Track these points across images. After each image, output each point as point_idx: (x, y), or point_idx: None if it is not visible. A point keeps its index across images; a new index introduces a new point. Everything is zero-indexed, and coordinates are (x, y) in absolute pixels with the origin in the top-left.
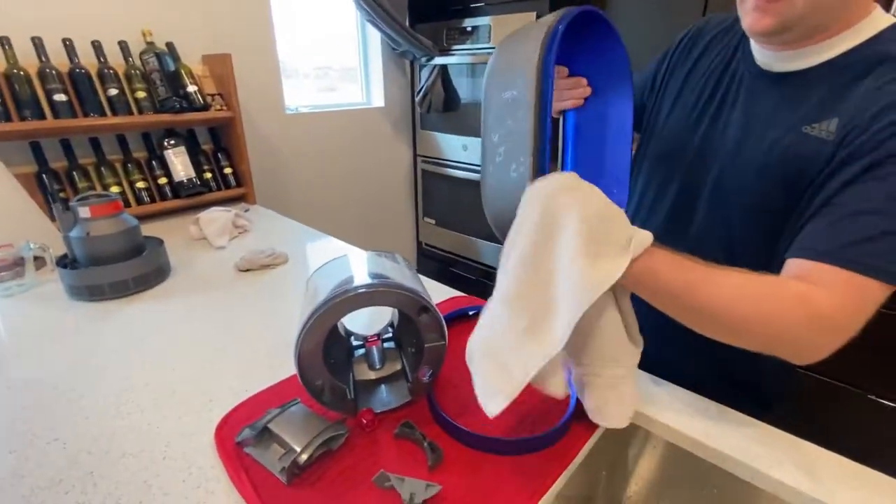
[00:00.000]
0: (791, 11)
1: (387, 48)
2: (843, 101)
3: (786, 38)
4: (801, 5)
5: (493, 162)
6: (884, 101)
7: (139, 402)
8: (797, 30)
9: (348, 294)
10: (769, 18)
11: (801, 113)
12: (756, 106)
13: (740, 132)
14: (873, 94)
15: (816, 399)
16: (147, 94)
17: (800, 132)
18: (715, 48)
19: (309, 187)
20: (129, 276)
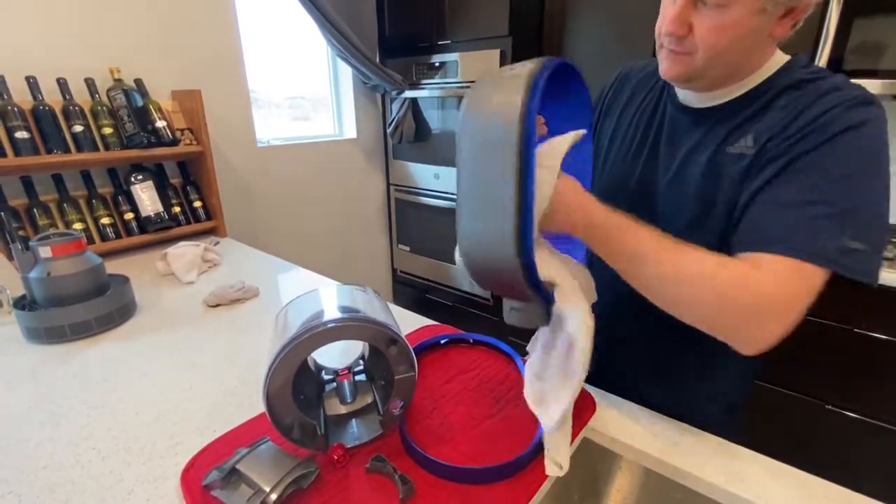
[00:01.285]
0: (692, 65)
1: (358, 81)
2: (757, 121)
3: (695, 85)
4: (701, 62)
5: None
6: (791, 115)
7: (100, 449)
8: (703, 80)
9: (317, 329)
10: (677, 68)
11: (722, 137)
12: (683, 138)
13: (673, 162)
14: (781, 112)
15: (777, 410)
16: (114, 129)
17: (724, 152)
18: (641, 92)
19: (281, 219)
20: (92, 317)
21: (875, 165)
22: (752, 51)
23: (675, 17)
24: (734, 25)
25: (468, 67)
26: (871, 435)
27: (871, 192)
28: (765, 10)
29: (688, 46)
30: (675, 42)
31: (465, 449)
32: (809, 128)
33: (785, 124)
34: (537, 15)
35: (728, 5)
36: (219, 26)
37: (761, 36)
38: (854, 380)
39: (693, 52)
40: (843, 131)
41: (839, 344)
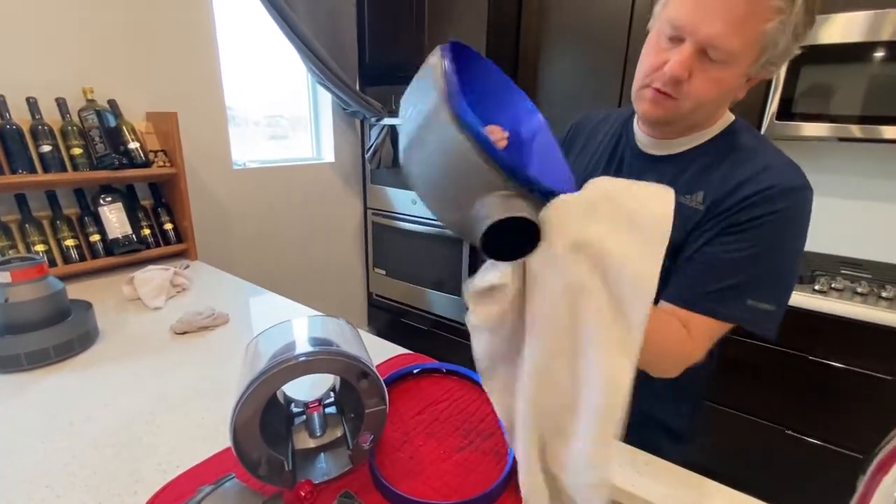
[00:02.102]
0: (677, 110)
1: (337, 106)
2: (707, 178)
3: (669, 129)
4: (686, 109)
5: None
6: (734, 182)
7: (55, 487)
8: (679, 125)
9: (288, 363)
10: (661, 110)
11: (677, 186)
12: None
13: None
14: (728, 175)
15: (738, 435)
16: (83, 150)
17: (677, 202)
18: (597, 136)
19: (256, 242)
20: (50, 345)
21: (794, 241)
22: (721, 106)
23: (683, 61)
24: (726, 81)
25: None
26: (830, 460)
27: (788, 264)
28: (748, 74)
29: (680, 92)
30: (671, 86)
31: (435, 483)
32: (748, 201)
33: (728, 191)
34: (513, 50)
35: (728, 64)
36: (198, 48)
37: (733, 94)
38: (813, 406)
39: (682, 99)
40: (773, 213)
41: (798, 372)
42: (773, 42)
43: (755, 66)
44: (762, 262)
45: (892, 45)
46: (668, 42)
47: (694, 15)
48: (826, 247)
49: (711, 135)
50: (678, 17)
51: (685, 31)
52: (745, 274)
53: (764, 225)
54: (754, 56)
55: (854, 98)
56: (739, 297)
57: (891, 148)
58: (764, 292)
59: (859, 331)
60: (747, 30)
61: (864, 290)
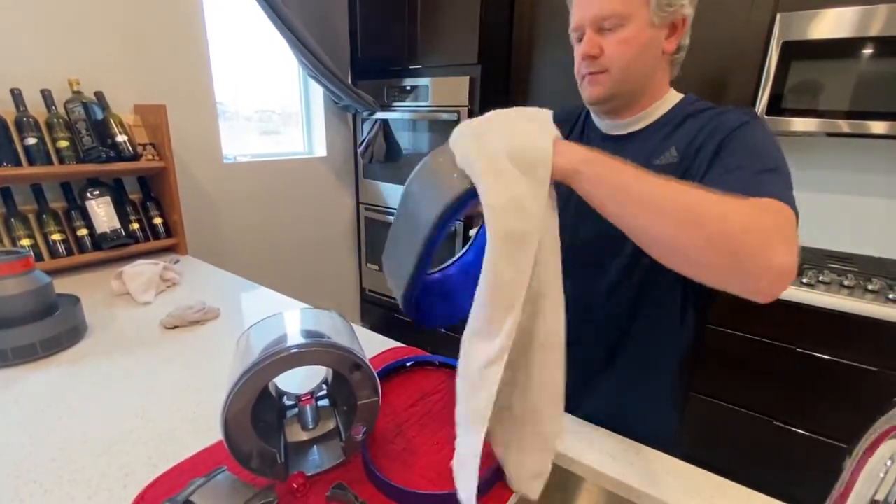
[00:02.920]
0: (610, 80)
1: (329, 100)
2: (674, 136)
3: (613, 105)
4: (617, 75)
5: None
6: (698, 128)
7: (43, 482)
8: (619, 99)
9: (280, 355)
10: (598, 88)
11: (647, 154)
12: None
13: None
14: (690, 129)
15: (728, 426)
16: (70, 143)
17: (652, 165)
18: (564, 130)
19: (247, 236)
20: (37, 339)
21: (774, 141)
22: (655, 68)
23: (587, 42)
24: (634, 38)
25: (439, 92)
26: (817, 450)
27: (781, 158)
28: (653, 23)
29: (603, 64)
30: (592, 64)
31: (428, 474)
32: (719, 129)
33: (696, 132)
34: (506, 44)
35: (624, 24)
36: (187, 40)
37: (657, 52)
38: (800, 397)
39: (608, 69)
40: (743, 124)
41: (786, 363)
42: None
43: (651, 12)
44: (774, 155)
45: (881, 40)
46: (578, 43)
47: (579, 11)
48: (814, 241)
49: (662, 112)
50: (573, 21)
51: (581, 26)
52: (768, 164)
53: (748, 130)
54: (643, 6)
55: (842, 93)
56: (778, 182)
57: (878, 143)
58: (790, 181)
59: (846, 323)
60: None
61: (851, 283)
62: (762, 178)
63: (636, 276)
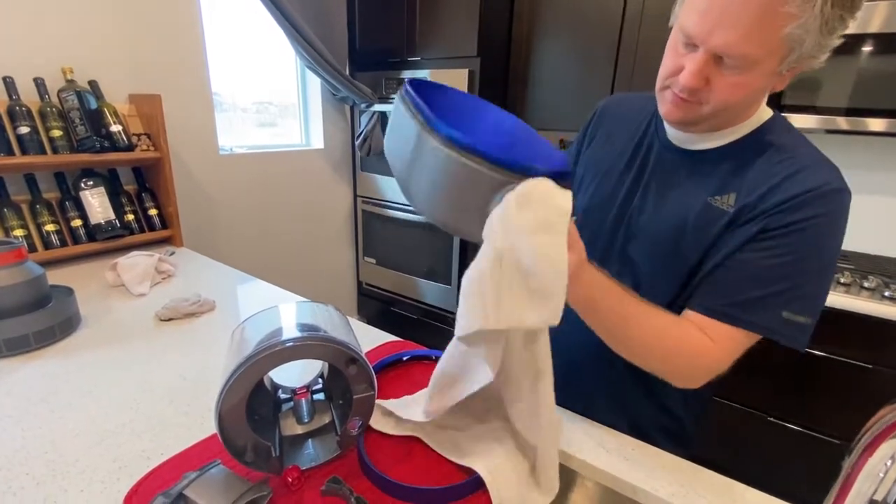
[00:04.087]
0: (698, 113)
1: (327, 92)
2: (740, 178)
3: (693, 129)
4: (708, 110)
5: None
6: (769, 184)
7: (35, 475)
8: (703, 125)
9: (275, 348)
10: (681, 113)
11: (707, 186)
12: (668, 175)
13: (657, 197)
14: (762, 176)
15: (722, 421)
16: (63, 132)
17: (706, 202)
18: (625, 124)
19: (243, 229)
20: (30, 331)
21: (831, 252)
22: (754, 103)
23: (696, 72)
24: (750, 84)
25: None
26: (811, 446)
27: (822, 276)
28: (779, 73)
29: (700, 97)
30: (688, 93)
31: (423, 469)
32: (785, 205)
33: (762, 193)
34: (505, 37)
35: (749, 68)
36: (182, 28)
37: (765, 92)
38: (795, 393)
39: (703, 103)
40: (813, 217)
41: (781, 360)
42: (797, 43)
43: (784, 65)
44: (800, 271)
45: (880, 37)
46: (685, 47)
47: (703, 24)
48: None
49: (746, 130)
50: (688, 25)
51: (696, 39)
52: (782, 283)
53: (804, 230)
54: (779, 58)
55: (842, 90)
56: (775, 308)
57: (877, 140)
58: (800, 304)
59: (842, 320)
60: (762, 36)
61: (847, 281)
62: (772, 302)
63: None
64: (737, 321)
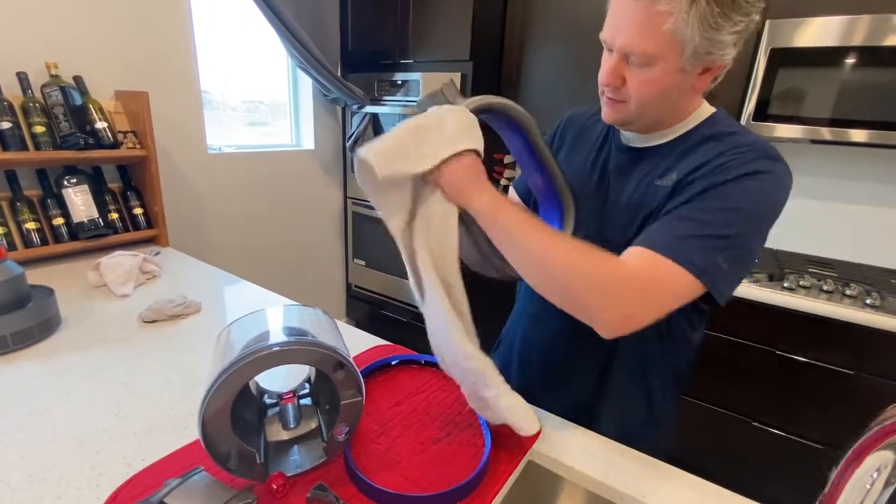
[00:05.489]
0: (627, 111)
1: (318, 93)
2: (683, 161)
3: (632, 128)
4: (633, 109)
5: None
6: (706, 157)
7: (9, 481)
8: (637, 124)
9: (261, 353)
10: (613, 113)
11: (654, 173)
12: (625, 171)
13: (621, 192)
14: (700, 156)
15: (707, 426)
16: (46, 128)
17: (652, 184)
18: (588, 134)
19: (232, 229)
20: (8, 332)
21: (766, 210)
22: (678, 101)
23: (609, 70)
24: (657, 81)
25: (430, 87)
26: (794, 451)
27: (755, 232)
28: (684, 69)
29: (622, 95)
30: (611, 91)
31: (411, 475)
32: (720, 168)
33: (700, 164)
34: (498, 41)
35: (651, 65)
36: (171, 24)
37: (685, 89)
38: (778, 399)
39: (627, 101)
40: (746, 175)
41: (765, 365)
42: (682, 38)
43: (684, 61)
44: (737, 224)
45: (864, 50)
46: (607, 52)
47: (610, 28)
48: (795, 246)
49: (686, 128)
50: (603, 33)
51: (607, 43)
52: (721, 230)
53: (743, 183)
54: (675, 54)
55: (826, 101)
56: (711, 252)
57: (860, 151)
58: (734, 253)
59: (824, 327)
60: (649, 33)
61: (830, 288)
62: (702, 244)
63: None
64: (676, 256)
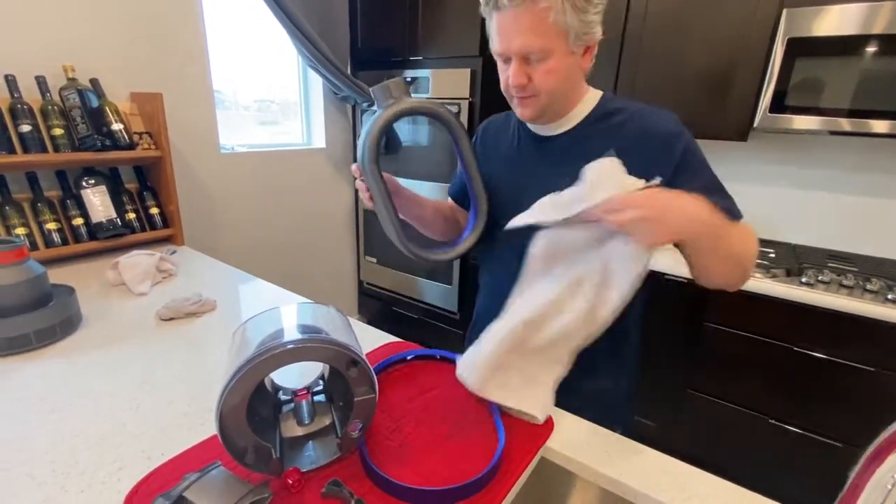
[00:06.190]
0: (539, 104)
1: (328, 91)
2: (605, 138)
3: (543, 120)
4: (545, 100)
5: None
6: (634, 136)
7: (35, 475)
8: (548, 114)
9: (276, 350)
10: (529, 110)
11: (577, 154)
12: (536, 158)
13: (534, 178)
14: (622, 130)
15: (721, 423)
16: (65, 130)
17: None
18: (502, 134)
19: (245, 228)
20: (31, 330)
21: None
22: (576, 83)
23: (515, 72)
24: (557, 68)
25: (440, 84)
26: (811, 449)
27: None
28: (572, 52)
29: (531, 90)
30: (521, 90)
31: (424, 470)
32: (664, 151)
33: (631, 136)
34: None
35: (548, 57)
36: (183, 26)
37: (578, 72)
38: (796, 396)
39: (537, 94)
40: (684, 142)
41: (782, 362)
42: (565, 25)
43: (571, 45)
44: (707, 178)
45: (885, 38)
46: (504, 64)
47: (502, 41)
48: (814, 240)
49: (586, 112)
50: (496, 47)
51: (505, 53)
52: (708, 188)
53: (690, 148)
54: (562, 40)
55: (845, 91)
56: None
57: (881, 142)
58: (723, 193)
59: (844, 323)
60: (541, 29)
61: (850, 283)
62: (728, 202)
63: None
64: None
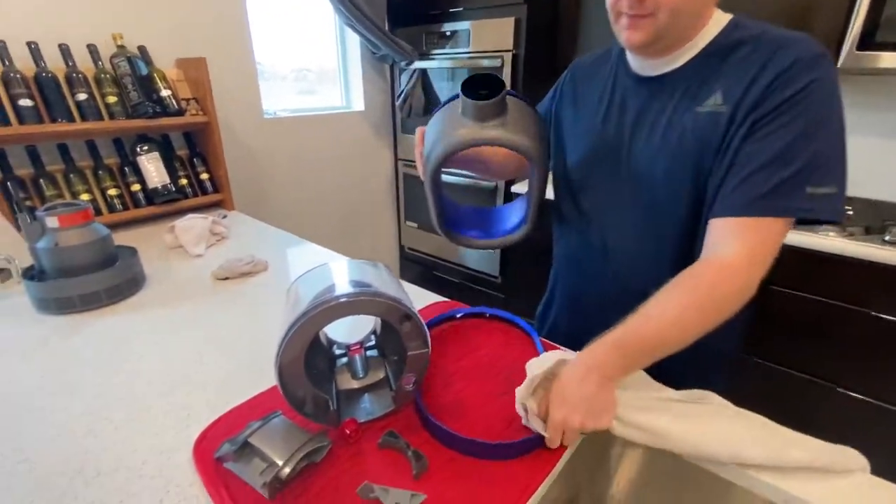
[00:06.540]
0: (656, 25)
1: (366, 52)
2: (718, 78)
3: (656, 48)
4: (664, 19)
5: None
6: (755, 67)
7: (112, 419)
8: (664, 41)
9: (329, 304)
10: (640, 33)
11: (685, 100)
12: (645, 105)
13: (637, 129)
14: (743, 65)
15: (789, 392)
16: (118, 98)
17: (694, 112)
18: (596, 75)
19: (288, 192)
20: (101, 288)
21: (835, 115)
22: (703, 7)
23: None
24: None
25: (481, 37)
26: (883, 418)
27: (834, 141)
28: None
29: (649, 7)
30: (636, 6)
31: (478, 426)
32: (775, 84)
33: (752, 77)
34: None
35: None
36: None
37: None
38: (869, 363)
39: (655, 12)
40: (807, 86)
41: (856, 327)
42: None
43: None
44: (812, 141)
45: None
46: None
47: None
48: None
49: (707, 40)
50: None
51: None
52: (797, 160)
53: (801, 101)
54: None
55: None
56: (797, 188)
57: None
58: (820, 174)
59: None
60: None
61: None
62: (784, 188)
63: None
64: (767, 211)
